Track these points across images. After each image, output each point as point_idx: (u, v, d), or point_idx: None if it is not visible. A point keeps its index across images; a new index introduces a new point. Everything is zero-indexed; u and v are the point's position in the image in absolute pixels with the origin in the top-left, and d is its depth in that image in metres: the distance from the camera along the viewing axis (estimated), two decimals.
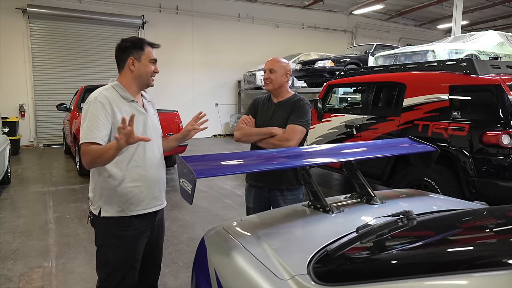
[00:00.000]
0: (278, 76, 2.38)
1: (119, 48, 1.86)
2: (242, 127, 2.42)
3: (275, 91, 2.43)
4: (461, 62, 3.92)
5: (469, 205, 1.94)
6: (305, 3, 14.05)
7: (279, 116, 2.38)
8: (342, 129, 4.99)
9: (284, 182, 2.35)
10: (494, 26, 15.77)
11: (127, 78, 1.86)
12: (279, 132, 2.30)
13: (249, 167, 1.76)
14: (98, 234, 1.87)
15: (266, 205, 2.44)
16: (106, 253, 1.83)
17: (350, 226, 1.43)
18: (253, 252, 1.35)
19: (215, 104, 13.22)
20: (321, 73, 8.97)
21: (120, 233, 1.81)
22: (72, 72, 10.75)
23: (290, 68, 2.47)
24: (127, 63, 1.84)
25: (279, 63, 2.40)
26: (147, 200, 1.86)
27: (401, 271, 1.10)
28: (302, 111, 2.35)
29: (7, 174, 5.94)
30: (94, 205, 1.84)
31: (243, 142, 2.42)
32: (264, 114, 2.45)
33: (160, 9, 11.96)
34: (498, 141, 3.31)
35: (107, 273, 1.85)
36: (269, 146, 2.28)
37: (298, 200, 2.38)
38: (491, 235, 1.36)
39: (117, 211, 1.79)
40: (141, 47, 1.84)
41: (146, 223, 1.89)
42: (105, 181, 1.78)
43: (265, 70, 2.42)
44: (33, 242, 3.79)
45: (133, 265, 1.87)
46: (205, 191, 5.80)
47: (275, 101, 2.46)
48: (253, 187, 2.47)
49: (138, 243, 1.87)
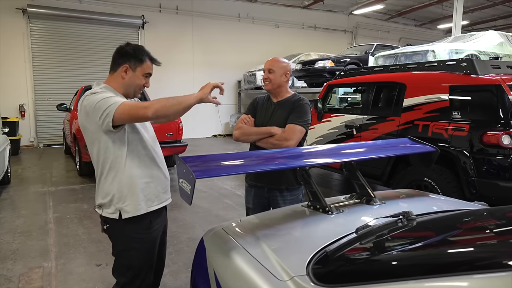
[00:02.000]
0: (277, 76, 2.37)
1: (119, 51, 1.81)
2: (241, 126, 2.41)
3: (274, 91, 2.42)
4: (461, 62, 3.92)
5: (469, 205, 1.94)
6: (305, 3, 14.04)
7: (279, 116, 2.37)
8: (342, 129, 4.99)
9: (284, 182, 2.35)
10: (494, 26, 15.75)
11: (116, 83, 1.81)
12: (278, 131, 2.29)
13: (249, 167, 1.75)
14: (118, 239, 1.83)
15: (266, 205, 2.44)
16: (130, 257, 1.81)
17: (349, 226, 1.43)
18: (252, 253, 1.34)
19: (215, 104, 13.20)
20: (321, 73, 8.97)
21: (140, 236, 1.81)
22: (72, 72, 10.75)
23: (290, 68, 2.47)
24: (120, 68, 1.79)
25: (278, 63, 2.39)
26: (161, 194, 1.89)
27: (401, 272, 1.10)
28: (302, 111, 2.34)
29: (7, 174, 5.94)
30: (111, 209, 1.76)
31: (242, 141, 2.42)
32: (264, 114, 2.44)
33: (160, 9, 11.96)
34: (498, 141, 3.30)
35: (130, 277, 1.83)
36: (268, 145, 2.27)
37: (298, 200, 2.38)
38: (491, 236, 1.36)
39: (137, 209, 1.77)
40: (141, 59, 1.78)
41: (161, 221, 1.93)
42: (123, 182, 1.76)
43: (264, 70, 2.42)
44: (33, 242, 3.78)
45: (152, 265, 1.90)
46: (205, 191, 5.80)
47: (274, 100, 2.46)
48: (253, 187, 2.47)
49: (157, 243, 1.90)
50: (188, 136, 9.54)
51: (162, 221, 1.95)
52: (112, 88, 1.79)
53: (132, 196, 1.76)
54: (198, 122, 12.61)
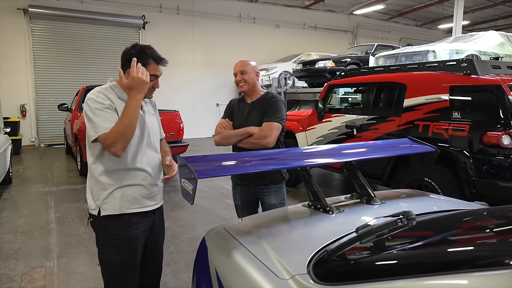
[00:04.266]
0: (250, 76, 2.45)
1: (124, 55, 1.82)
2: (220, 131, 2.49)
3: (250, 90, 2.49)
4: (461, 62, 3.93)
5: (469, 205, 1.95)
6: (306, 3, 14.05)
7: (254, 116, 2.44)
8: (343, 129, 5.00)
9: (269, 178, 2.44)
10: (495, 26, 15.75)
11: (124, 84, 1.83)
12: (256, 131, 2.36)
13: (250, 167, 1.76)
14: (98, 235, 1.87)
15: (254, 200, 2.55)
16: (108, 254, 1.84)
17: (350, 226, 1.44)
18: (254, 252, 1.35)
19: (216, 104, 13.23)
20: (322, 73, 8.98)
21: (120, 233, 1.81)
22: (73, 72, 10.77)
23: (258, 68, 2.56)
24: (126, 72, 1.79)
25: (248, 64, 2.48)
26: (145, 198, 1.86)
27: (401, 271, 1.11)
28: (276, 107, 2.41)
29: (8, 174, 5.96)
30: (92, 205, 1.83)
31: (223, 145, 2.49)
32: (240, 116, 2.51)
33: (161, 9, 11.98)
34: (498, 141, 3.31)
35: (111, 274, 1.86)
36: (248, 145, 2.35)
37: (282, 191, 2.49)
38: (491, 235, 1.37)
39: (115, 209, 1.79)
40: (143, 63, 1.77)
41: (145, 222, 1.89)
42: (102, 180, 1.78)
43: (236, 73, 2.48)
44: (35, 242, 3.80)
45: (135, 265, 1.88)
46: (206, 191, 5.81)
47: (248, 101, 2.52)
48: (239, 185, 2.56)
49: (138, 242, 1.87)
50: (188, 136, 9.55)
51: (148, 223, 1.91)
52: (119, 87, 1.82)
53: (109, 196, 1.79)
54: (199, 122, 12.63)
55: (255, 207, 2.60)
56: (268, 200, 2.46)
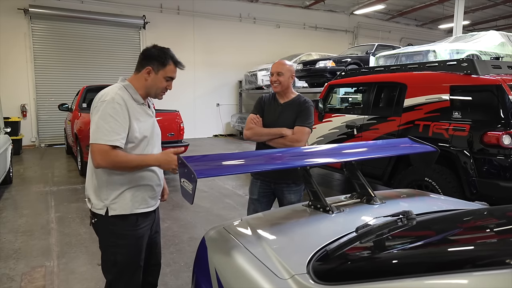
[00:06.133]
0: (285, 78, 2.50)
1: (144, 52, 1.84)
2: (252, 127, 2.53)
3: (282, 92, 2.55)
4: (462, 62, 3.92)
5: (469, 205, 1.95)
6: (306, 3, 14.04)
7: (286, 117, 2.49)
8: (343, 129, 5.00)
9: (291, 178, 2.48)
10: (495, 26, 15.73)
11: (139, 83, 1.84)
12: (289, 133, 2.43)
13: (250, 167, 1.76)
14: (104, 235, 1.86)
15: (271, 196, 2.59)
16: (115, 254, 1.83)
17: (350, 226, 1.44)
18: (254, 252, 1.35)
19: (217, 104, 13.23)
20: (322, 73, 8.97)
21: (128, 232, 1.82)
22: (73, 72, 10.77)
23: (294, 70, 2.61)
24: (144, 69, 1.81)
25: (286, 66, 2.52)
26: (151, 198, 1.89)
27: (400, 271, 1.10)
28: (308, 113, 2.50)
29: (9, 174, 5.97)
30: (98, 205, 1.81)
31: (254, 140, 2.56)
32: (271, 114, 2.56)
33: (162, 9, 11.97)
34: (498, 141, 3.31)
35: (116, 273, 1.86)
36: (279, 146, 2.39)
37: (301, 191, 2.55)
38: (491, 235, 1.37)
39: (125, 209, 1.79)
40: (163, 63, 1.81)
41: (149, 221, 1.93)
42: (113, 181, 1.78)
43: (273, 73, 2.52)
44: (35, 242, 3.80)
45: (139, 264, 1.90)
46: (206, 191, 5.81)
47: (281, 101, 2.57)
48: (259, 180, 2.60)
49: (143, 241, 1.90)
50: (189, 136, 9.56)
51: (151, 222, 1.94)
52: (133, 87, 1.83)
53: (119, 196, 1.79)
54: (199, 122, 12.63)
55: (271, 203, 2.64)
56: (288, 198, 2.51)
